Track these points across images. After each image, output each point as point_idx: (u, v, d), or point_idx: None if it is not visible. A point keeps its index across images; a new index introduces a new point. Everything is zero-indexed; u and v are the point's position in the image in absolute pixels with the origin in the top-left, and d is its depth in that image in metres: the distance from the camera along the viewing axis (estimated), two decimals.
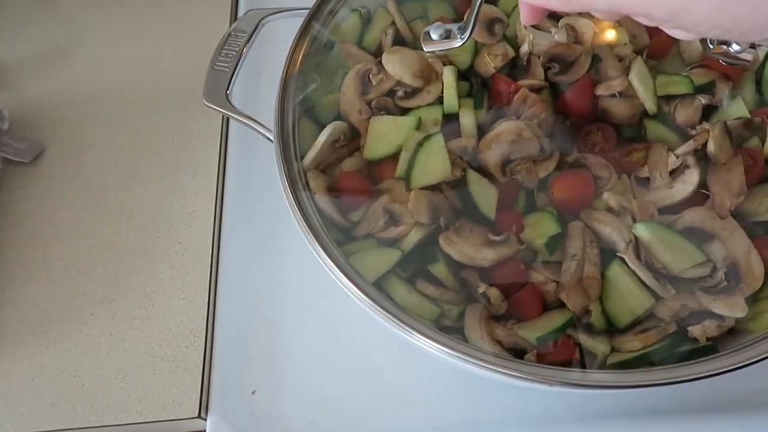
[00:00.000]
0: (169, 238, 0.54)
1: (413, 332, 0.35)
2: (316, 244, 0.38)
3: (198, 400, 0.47)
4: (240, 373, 0.49)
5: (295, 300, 0.51)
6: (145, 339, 0.50)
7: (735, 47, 0.38)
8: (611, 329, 0.41)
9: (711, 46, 0.39)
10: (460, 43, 0.38)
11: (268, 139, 0.45)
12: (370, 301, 0.36)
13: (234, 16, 0.65)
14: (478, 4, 0.37)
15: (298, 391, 0.47)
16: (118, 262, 0.54)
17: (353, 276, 0.37)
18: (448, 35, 0.38)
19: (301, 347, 0.49)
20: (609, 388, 0.36)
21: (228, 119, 0.59)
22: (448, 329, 0.41)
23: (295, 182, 0.41)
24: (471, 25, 0.37)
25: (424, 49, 0.38)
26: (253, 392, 0.48)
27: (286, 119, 0.43)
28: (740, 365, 0.34)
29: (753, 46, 0.39)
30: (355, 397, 0.46)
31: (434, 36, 0.38)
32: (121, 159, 0.58)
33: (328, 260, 0.37)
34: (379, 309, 0.36)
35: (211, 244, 0.53)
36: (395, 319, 0.35)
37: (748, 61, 0.38)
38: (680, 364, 0.37)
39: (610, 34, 0.49)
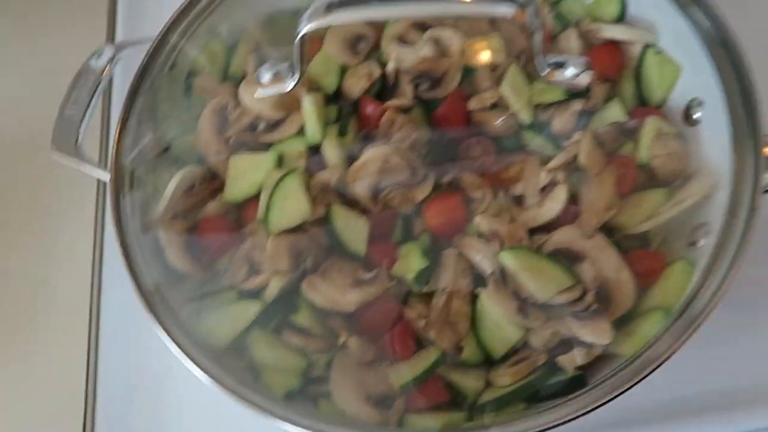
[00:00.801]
0: (47, 293, 0.52)
1: (253, 408, 0.33)
2: (151, 316, 0.35)
3: None
4: None
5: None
6: (24, 406, 0.48)
7: (569, 72, 0.36)
8: (485, 365, 0.40)
9: (544, 72, 0.37)
10: (291, 85, 0.36)
11: None
12: (206, 375, 0.34)
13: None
14: (298, 42, 0.34)
15: None
16: None
17: (186, 346, 0.35)
18: (278, 76, 0.36)
19: (184, 412, 0.47)
20: None
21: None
22: (317, 380, 0.39)
23: (132, 242, 0.38)
24: (298, 65, 0.35)
25: (257, 94, 0.36)
26: None
27: (124, 168, 0.41)
28: (586, 410, 0.33)
29: (589, 67, 0.37)
30: None
31: (263, 80, 0.36)
32: None
33: (162, 332, 0.35)
34: (215, 383, 0.34)
35: (89, 297, 0.51)
36: (233, 394, 0.33)
37: (582, 87, 0.36)
38: (551, 402, 0.36)
39: (481, 43, 0.47)
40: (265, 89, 0.38)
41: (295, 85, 0.38)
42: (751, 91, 0.38)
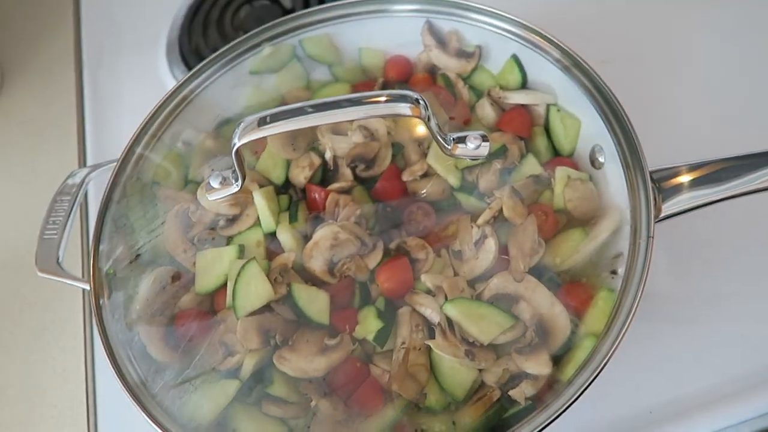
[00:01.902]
0: (42, 405, 0.55)
1: None
2: (138, 406, 0.39)
3: None
4: None
5: None
6: None
7: (470, 144, 0.42)
8: (449, 408, 0.43)
9: (448, 147, 0.43)
10: (237, 188, 0.41)
11: None
12: None
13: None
14: (234, 154, 0.40)
15: None
16: None
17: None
18: (225, 182, 0.41)
19: None
20: None
21: None
22: None
23: (115, 343, 0.42)
24: (238, 170, 0.41)
25: (209, 198, 0.41)
26: None
27: (101, 278, 0.45)
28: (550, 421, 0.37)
29: (486, 139, 0.43)
30: None
31: (214, 184, 0.41)
32: None
33: (148, 419, 0.39)
34: None
35: (85, 402, 0.54)
36: None
37: (484, 155, 0.42)
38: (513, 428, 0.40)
39: (405, 123, 0.53)
40: (216, 193, 0.43)
41: (239, 188, 0.43)
42: (632, 135, 0.45)
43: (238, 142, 0.40)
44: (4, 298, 0.60)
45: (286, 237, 0.48)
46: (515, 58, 0.54)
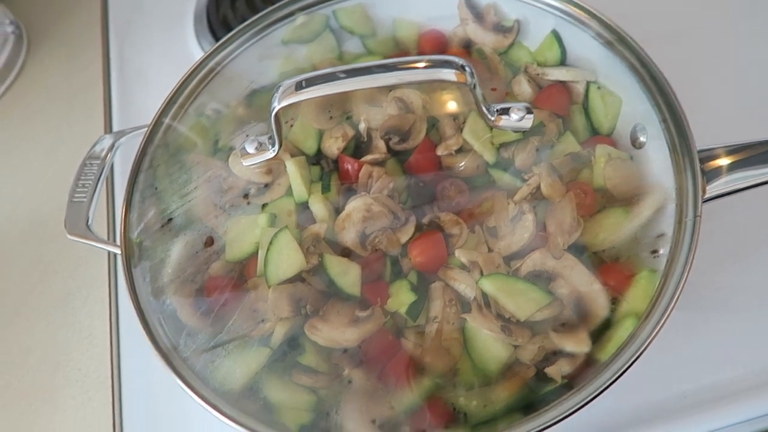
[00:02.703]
0: (67, 367, 0.55)
1: None
2: (169, 368, 0.39)
3: None
4: None
5: (197, 411, 0.51)
6: None
7: (514, 116, 0.41)
8: (482, 384, 0.43)
9: (492, 118, 0.42)
10: (272, 154, 0.40)
11: None
12: (227, 419, 0.37)
13: None
14: (273, 117, 0.39)
15: None
16: (21, 401, 0.54)
17: (206, 394, 0.38)
18: (261, 147, 0.41)
19: None
20: None
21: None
22: (327, 414, 0.42)
23: (146, 307, 0.42)
24: (275, 135, 0.40)
25: (244, 164, 0.41)
26: None
27: (132, 241, 0.45)
28: (572, 411, 0.36)
29: (530, 111, 0.42)
30: None
31: (250, 150, 0.41)
32: (11, 297, 0.59)
33: (181, 383, 0.38)
34: (235, 424, 0.37)
35: (110, 366, 0.54)
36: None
37: (527, 128, 0.41)
38: (543, 409, 0.39)
39: (441, 96, 0.52)
40: (251, 159, 0.43)
41: (276, 154, 0.42)
42: (679, 114, 0.43)
43: (277, 105, 0.40)
44: (29, 263, 0.60)
45: (318, 207, 0.47)
46: (555, 34, 0.53)
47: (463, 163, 0.49)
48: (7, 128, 0.70)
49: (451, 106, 0.51)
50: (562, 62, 0.54)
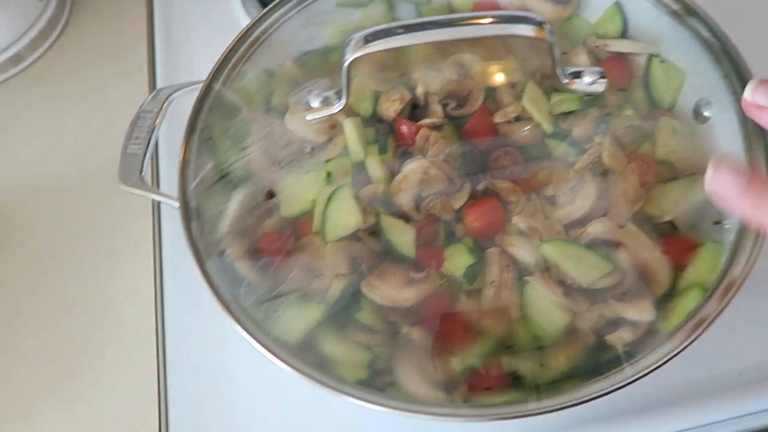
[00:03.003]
0: (113, 321, 0.55)
1: (335, 392, 0.36)
2: (230, 316, 0.39)
3: None
4: None
5: (242, 367, 0.51)
6: (100, 425, 0.51)
7: (586, 79, 0.41)
8: (538, 348, 0.43)
9: (564, 81, 0.42)
10: (339, 109, 0.40)
11: None
12: (289, 367, 0.37)
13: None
14: (345, 70, 0.39)
15: None
16: (66, 352, 0.54)
17: (268, 344, 0.38)
18: (326, 101, 0.40)
19: (254, 413, 0.49)
20: (536, 415, 0.37)
21: None
22: (382, 372, 0.42)
23: (205, 256, 0.42)
24: (345, 91, 0.40)
25: (307, 118, 0.40)
26: None
27: (190, 193, 0.45)
28: (639, 376, 0.36)
29: (603, 76, 0.42)
30: None
31: (314, 104, 0.40)
32: (58, 249, 0.59)
33: (243, 331, 0.38)
34: (300, 373, 0.37)
35: (155, 321, 0.54)
36: (314, 380, 0.37)
37: (599, 92, 0.41)
38: (603, 375, 0.39)
39: (500, 64, 0.52)
40: (314, 113, 0.42)
41: (341, 108, 0.42)
42: None
43: (350, 57, 0.39)
44: (75, 217, 0.60)
45: (374, 168, 0.47)
46: (618, 6, 0.52)
47: (519, 132, 0.49)
48: (53, 84, 0.70)
49: (511, 73, 0.51)
50: (623, 34, 0.53)
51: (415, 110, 0.51)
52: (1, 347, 0.55)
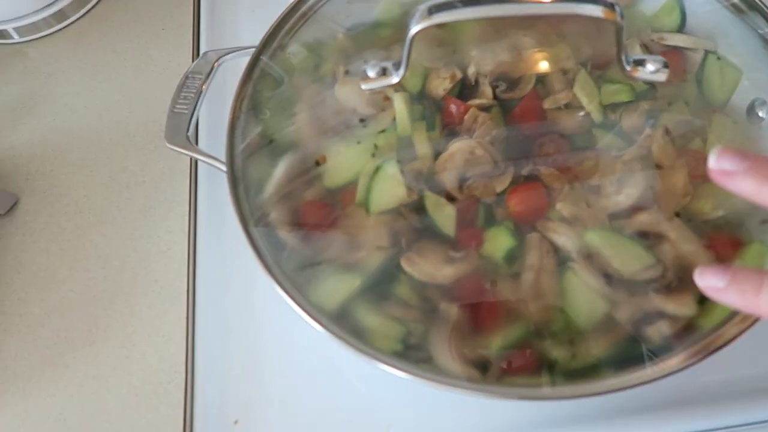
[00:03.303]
0: (145, 278, 0.56)
1: (368, 358, 0.37)
2: (272, 278, 0.39)
3: None
4: (222, 405, 0.50)
5: (270, 329, 0.52)
6: (128, 378, 0.51)
7: (650, 67, 0.40)
8: (573, 335, 0.43)
9: (628, 68, 0.41)
10: (396, 80, 0.40)
11: None
12: (326, 330, 0.37)
13: (196, 57, 0.67)
14: (408, 41, 0.39)
15: (278, 417, 0.49)
16: (97, 304, 0.55)
17: (307, 307, 0.38)
18: (384, 72, 0.40)
19: (279, 374, 0.50)
20: (569, 399, 0.38)
21: None
22: (415, 347, 0.42)
23: (249, 219, 0.42)
24: (404, 62, 0.39)
25: (362, 87, 0.40)
26: (236, 422, 0.49)
27: (237, 157, 0.45)
28: (676, 370, 0.36)
29: (666, 65, 0.41)
30: (332, 420, 0.47)
31: (371, 74, 0.40)
32: (95, 204, 0.60)
33: (284, 293, 0.39)
34: (336, 338, 0.37)
35: (186, 281, 0.55)
36: (351, 346, 0.37)
37: (662, 81, 0.40)
38: (637, 367, 0.39)
39: (553, 50, 0.51)
40: (371, 83, 0.42)
41: (399, 80, 0.42)
42: None
43: (416, 28, 0.39)
44: (113, 174, 0.61)
45: (422, 144, 0.47)
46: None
47: (571, 119, 0.49)
48: (95, 42, 0.70)
49: (564, 59, 0.50)
50: (680, 29, 0.52)
51: (464, 90, 0.51)
52: (34, 296, 0.56)
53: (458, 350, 0.41)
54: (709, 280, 0.33)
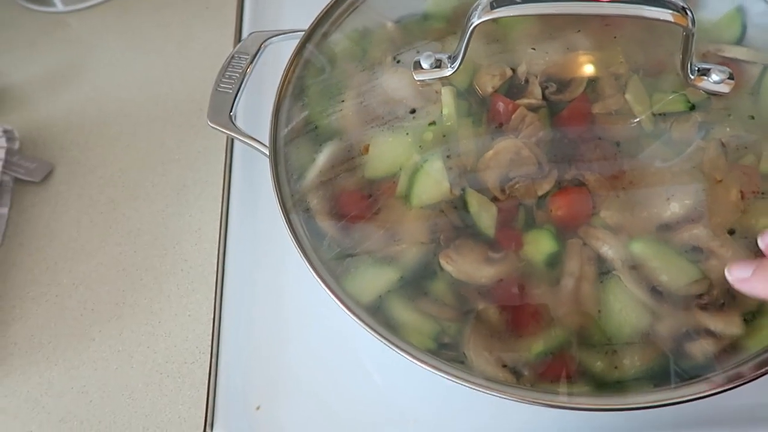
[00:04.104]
0: (175, 256, 0.55)
1: (404, 355, 0.36)
2: (309, 266, 0.39)
3: (203, 416, 0.48)
4: (244, 389, 0.49)
5: (297, 316, 0.51)
6: (152, 355, 0.51)
7: (714, 77, 0.39)
8: (611, 346, 0.42)
9: (692, 77, 0.40)
10: (450, 72, 0.39)
11: None
12: (362, 323, 0.37)
13: (238, 38, 0.67)
14: (468, 33, 0.38)
15: (300, 406, 0.48)
16: (126, 279, 0.55)
17: (344, 298, 0.38)
18: (438, 64, 0.39)
19: (304, 362, 0.50)
20: (598, 411, 0.37)
21: (232, 139, 0.60)
22: (448, 346, 0.41)
23: (289, 204, 0.42)
24: (461, 55, 0.39)
25: (415, 78, 0.40)
26: (258, 408, 0.49)
27: (280, 141, 0.44)
28: (727, 387, 0.35)
29: (731, 77, 0.40)
30: (355, 411, 0.47)
31: (425, 65, 0.40)
32: (129, 178, 0.60)
33: (321, 282, 0.38)
34: (372, 331, 0.36)
35: (216, 262, 0.54)
36: (387, 342, 0.36)
37: (726, 92, 0.39)
38: (675, 384, 0.38)
39: (607, 53, 0.50)
40: (423, 74, 0.41)
41: (454, 72, 0.41)
42: None
43: (477, 20, 0.38)
44: (149, 149, 0.61)
45: (467, 140, 0.46)
46: (739, 11, 0.50)
47: (620, 125, 0.47)
48: (138, 16, 0.70)
49: (617, 64, 0.49)
50: (739, 41, 0.51)
51: (512, 89, 0.50)
52: (63, 266, 0.56)
53: (493, 353, 0.40)
54: (736, 273, 0.35)
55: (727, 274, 0.36)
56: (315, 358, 0.50)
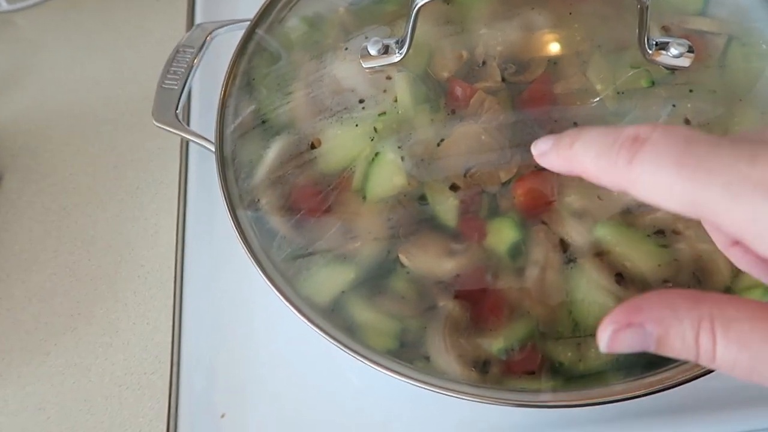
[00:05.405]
0: (131, 262, 0.53)
1: (360, 358, 0.34)
2: (258, 267, 0.37)
3: (165, 428, 0.46)
4: (208, 397, 0.47)
5: (261, 319, 0.50)
6: (110, 367, 0.49)
7: (673, 51, 0.37)
8: (580, 337, 0.40)
9: (649, 51, 0.38)
10: (399, 58, 0.37)
11: None
12: (314, 326, 0.35)
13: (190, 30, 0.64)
14: (413, 15, 0.36)
15: (267, 412, 0.46)
16: (80, 289, 0.53)
17: (296, 300, 0.36)
18: (386, 50, 0.37)
19: (268, 367, 0.48)
20: (564, 407, 0.35)
21: None
22: (411, 344, 0.40)
23: (237, 202, 0.39)
24: (408, 39, 0.36)
25: (363, 66, 0.38)
26: (223, 416, 0.47)
27: (227, 137, 0.42)
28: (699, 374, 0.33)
29: (691, 50, 0.38)
30: (325, 417, 0.45)
31: (373, 52, 0.37)
32: (81, 183, 0.57)
33: (270, 283, 0.36)
34: (324, 335, 0.35)
35: (174, 266, 0.52)
36: (340, 345, 0.34)
37: (686, 66, 0.38)
38: (643, 374, 0.36)
39: (567, 31, 0.48)
40: (372, 61, 0.39)
41: (401, 59, 0.39)
42: None
43: (421, 2, 0.36)
44: (101, 152, 0.58)
45: (424, 128, 0.44)
46: None
47: (583, 105, 0.46)
48: (86, 12, 0.67)
49: (578, 42, 0.47)
50: (702, 12, 0.49)
51: (470, 72, 0.48)
52: (15, 277, 0.53)
53: (457, 350, 0.39)
54: (539, 146, 0.31)
55: (532, 149, 0.32)
56: (281, 363, 0.48)
